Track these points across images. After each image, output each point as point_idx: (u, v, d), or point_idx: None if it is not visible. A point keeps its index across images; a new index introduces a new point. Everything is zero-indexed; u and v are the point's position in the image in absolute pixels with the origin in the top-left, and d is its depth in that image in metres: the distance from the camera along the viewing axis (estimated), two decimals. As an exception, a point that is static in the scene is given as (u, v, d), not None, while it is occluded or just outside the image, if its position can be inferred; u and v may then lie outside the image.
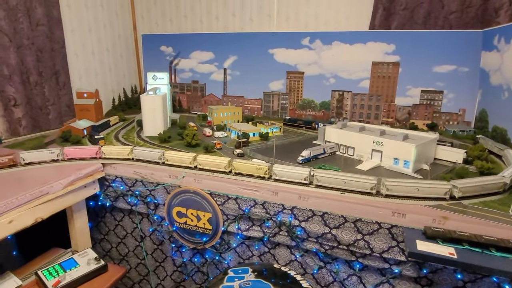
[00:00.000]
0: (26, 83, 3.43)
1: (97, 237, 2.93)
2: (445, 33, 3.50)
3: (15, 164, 2.46)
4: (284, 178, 2.13)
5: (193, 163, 2.39)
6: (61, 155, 2.52)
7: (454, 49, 3.48)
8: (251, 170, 2.21)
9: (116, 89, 4.83)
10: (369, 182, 1.95)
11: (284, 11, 4.21)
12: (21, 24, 3.30)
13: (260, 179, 2.18)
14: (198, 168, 2.36)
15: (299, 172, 2.12)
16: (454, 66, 3.51)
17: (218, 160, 2.31)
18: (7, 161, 2.41)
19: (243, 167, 2.24)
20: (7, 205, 1.93)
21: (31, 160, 2.48)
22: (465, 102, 3.55)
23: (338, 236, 1.98)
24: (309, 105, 4.28)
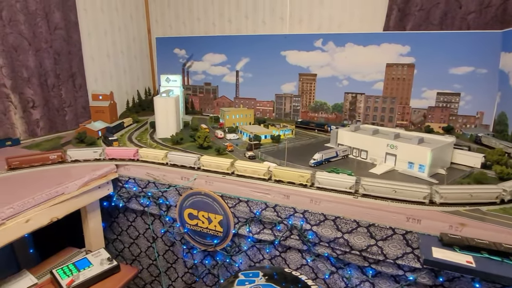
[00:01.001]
0: (44, 85, 3.52)
1: (110, 237, 2.97)
2: (463, 34, 3.42)
3: (64, 160, 2.57)
4: (328, 186, 2.03)
5: (230, 169, 2.32)
6: (103, 155, 2.60)
7: (472, 50, 3.38)
8: (293, 178, 2.13)
9: (130, 91, 4.91)
10: (422, 191, 1.84)
11: (297, 13, 4.19)
12: (40, 28, 3.39)
13: (271, 182, 2.17)
14: (236, 174, 2.29)
15: (344, 181, 2.00)
16: (471, 68, 3.42)
17: (256, 166, 2.23)
18: (56, 158, 2.53)
19: (283, 174, 2.15)
20: (24, 205, 1.97)
21: (77, 158, 2.58)
22: (483, 104, 3.45)
23: (351, 241, 1.94)
24: (321, 107, 4.24)
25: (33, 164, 2.47)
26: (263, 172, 2.20)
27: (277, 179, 2.17)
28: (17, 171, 2.41)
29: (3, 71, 3.12)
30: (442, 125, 3.61)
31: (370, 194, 1.93)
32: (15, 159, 2.41)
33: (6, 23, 3.09)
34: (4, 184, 2.21)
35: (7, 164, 2.41)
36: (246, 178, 2.24)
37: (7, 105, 3.20)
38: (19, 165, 2.42)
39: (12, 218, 1.91)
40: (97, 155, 2.58)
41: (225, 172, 2.32)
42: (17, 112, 3.29)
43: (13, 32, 3.15)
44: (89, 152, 2.58)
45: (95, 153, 2.57)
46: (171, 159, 2.50)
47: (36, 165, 2.48)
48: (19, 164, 2.42)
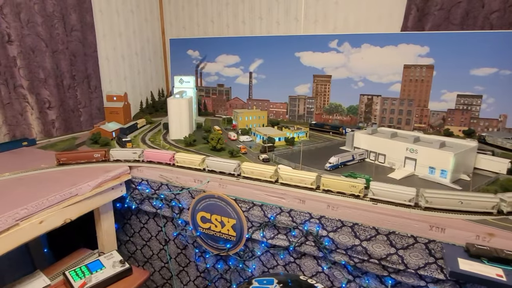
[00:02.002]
0: (60, 86, 3.55)
1: (123, 239, 2.96)
2: (485, 34, 3.28)
3: (107, 159, 2.61)
4: (385, 198, 1.87)
5: (273, 177, 2.17)
6: (142, 157, 2.59)
7: (495, 51, 3.25)
8: (344, 188, 1.97)
9: (144, 92, 4.93)
10: (491, 201, 1.73)
11: (312, 14, 4.12)
12: (57, 29, 3.43)
13: (285, 186, 2.11)
14: (280, 183, 2.15)
15: (403, 192, 1.83)
16: (494, 69, 3.28)
17: (303, 175, 2.08)
18: (99, 156, 2.59)
19: (334, 183, 2.00)
20: (38, 206, 1.97)
21: (118, 158, 2.61)
22: (507, 107, 3.30)
23: (369, 249, 1.87)
24: (336, 109, 4.16)
25: (78, 161, 2.55)
26: (310, 181, 2.06)
27: (326, 188, 2.02)
28: (30, 172, 2.42)
29: (21, 72, 3.16)
30: (463, 128, 3.48)
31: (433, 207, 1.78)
32: (63, 155, 2.53)
33: (24, 24, 3.13)
34: (20, 184, 2.22)
35: (56, 159, 2.53)
36: (260, 182, 2.19)
37: (24, 106, 3.24)
38: (66, 161, 2.53)
39: (26, 219, 1.91)
40: (136, 156, 2.57)
41: (268, 180, 2.18)
42: (34, 113, 3.33)
43: (31, 34, 3.19)
44: (129, 153, 2.57)
45: (134, 154, 2.56)
46: (209, 165, 2.39)
47: (81, 162, 2.56)
48: (66, 160, 2.53)
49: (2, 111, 3.07)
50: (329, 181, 2.02)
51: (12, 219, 1.84)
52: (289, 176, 2.11)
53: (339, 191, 1.99)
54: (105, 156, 2.61)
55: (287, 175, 2.13)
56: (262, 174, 2.18)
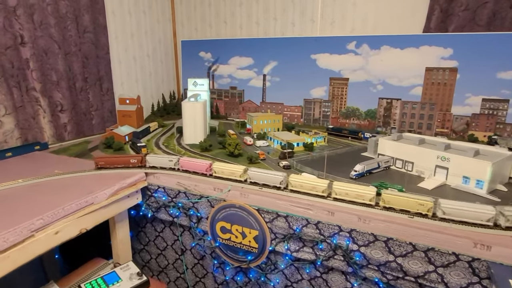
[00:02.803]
0: (72, 89, 3.48)
1: (137, 247, 2.87)
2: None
3: (144, 165, 2.53)
4: (458, 218, 1.66)
5: (326, 192, 1.98)
6: (178, 165, 2.47)
7: (524, 53, 3.11)
8: (409, 206, 1.77)
9: (155, 94, 4.85)
10: None
11: (329, 15, 4.01)
12: (70, 31, 3.36)
13: (314, 197, 1.99)
14: (333, 198, 1.96)
15: (481, 211, 1.62)
16: (523, 72, 3.14)
17: (358, 189, 1.89)
18: (136, 162, 2.51)
19: (397, 201, 1.79)
20: (54, 216, 1.88)
21: (154, 165, 2.51)
22: (536, 112, 3.17)
23: (405, 265, 1.74)
24: (353, 113, 4.03)
25: (116, 165, 2.50)
26: (369, 197, 1.86)
27: (387, 206, 1.82)
28: (45, 178, 2.33)
29: (34, 75, 3.09)
30: (488, 133, 3.34)
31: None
32: (101, 159, 2.50)
33: (37, 26, 3.06)
34: (34, 192, 2.13)
35: (94, 163, 2.51)
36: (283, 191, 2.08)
37: (36, 109, 3.16)
38: (104, 165, 2.50)
39: (42, 230, 1.82)
40: (172, 164, 2.45)
41: (320, 195, 1.98)
42: (46, 116, 3.25)
43: (44, 35, 3.12)
44: (165, 160, 2.47)
45: (170, 162, 2.45)
46: (252, 176, 2.20)
47: (119, 166, 2.51)
48: (104, 164, 2.49)
49: (14, 114, 2.99)
50: (391, 197, 1.81)
51: (27, 230, 1.75)
52: (344, 191, 1.92)
53: (403, 209, 1.78)
54: (141, 162, 2.53)
55: (342, 190, 1.93)
56: (313, 188, 1.99)
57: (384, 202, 1.83)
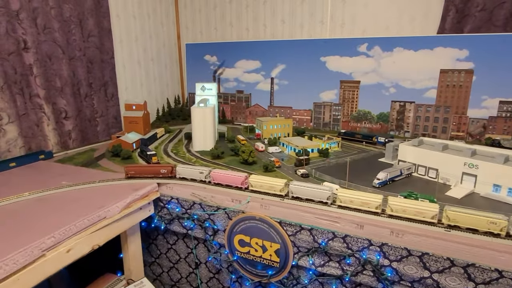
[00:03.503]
0: (77, 95, 3.36)
1: (148, 260, 2.75)
2: (532, 37, 3.06)
3: (174, 176, 2.41)
4: None
5: (379, 208, 1.81)
6: (209, 177, 2.31)
7: (543, 54, 3.03)
8: (478, 224, 1.60)
9: (160, 99, 4.73)
10: None
11: (339, 16, 3.92)
12: (74, 35, 3.24)
13: (340, 209, 1.89)
14: (389, 215, 1.78)
15: None
16: (541, 74, 3.06)
17: (420, 206, 1.72)
18: (166, 172, 2.40)
19: (465, 219, 1.62)
20: (66, 233, 1.76)
21: (184, 176, 2.38)
22: (555, 114, 3.09)
23: (442, 282, 1.64)
24: (365, 117, 3.94)
25: (146, 175, 2.42)
26: (431, 214, 1.69)
27: (452, 224, 1.65)
28: (52, 191, 2.21)
29: (37, 81, 2.97)
30: (506, 137, 3.25)
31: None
32: (132, 169, 2.43)
33: (40, 30, 2.94)
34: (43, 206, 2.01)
35: (125, 172, 2.44)
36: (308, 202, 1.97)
37: (40, 116, 3.04)
38: (134, 174, 2.42)
39: (54, 248, 1.70)
40: (202, 177, 2.30)
41: (373, 211, 1.81)
42: (50, 124, 3.13)
43: (48, 40, 3.00)
44: (195, 172, 2.32)
45: (201, 174, 2.30)
46: (294, 191, 2.01)
47: (148, 176, 2.41)
48: (134, 174, 2.42)
49: (17, 122, 2.87)
50: (458, 215, 1.64)
51: (38, 249, 1.63)
52: (401, 208, 1.75)
53: (470, 228, 1.62)
54: (171, 172, 2.41)
55: (399, 206, 1.76)
56: (364, 204, 1.83)
57: (448, 220, 1.66)
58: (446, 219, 1.67)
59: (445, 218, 1.67)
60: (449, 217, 1.66)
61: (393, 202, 1.79)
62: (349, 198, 1.86)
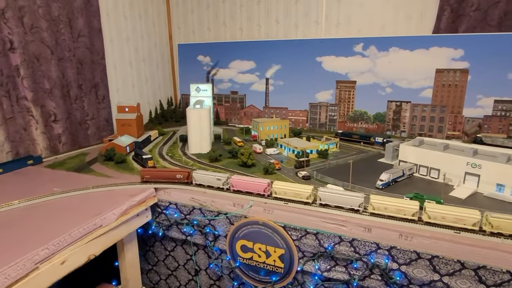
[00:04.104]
0: (66, 97, 3.23)
1: (145, 268, 2.65)
2: (525, 36, 3.09)
3: (190, 182, 2.30)
4: None
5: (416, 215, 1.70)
6: (227, 184, 2.18)
7: (536, 54, 3.06)
8: None
9: (152, 101, 4.62)
10: None
11: (334, 16, 3.89)
12: (63, 35, 3.12)
13: (348, 212, 1.84)
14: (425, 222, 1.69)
15: None
16: (535, 73, 3.09)
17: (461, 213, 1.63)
18: (182, 178, 2.29)
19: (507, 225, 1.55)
20: (60, 243, 1.66)
21: (201, 182, 2.25)
22: (549, 113, 3.13)
23: (452, 285, 1.61)
24: (361, 117, 3.92)
25: (161, 179, 2.33)
26: (473, 221, 1.60)
27: (494, 231, 1.57)
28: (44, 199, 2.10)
29: (24, 83, 2.84)
30: (501, 135, 3.27)
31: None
32: (147, 172, 2.36)
33: (27, 30, 2.81)
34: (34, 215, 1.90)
35: (141, 176, 2.37)
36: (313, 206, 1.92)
37: (27, 120, 2.91)
38: (149, 178, 2.35)
39: (47, 260, 1.60)
40: (220, 184, 2.17)
41: (410, 219, 1.71)
42: (38, 127, 3.00)
43: (35, 40, 2.88)
44: (212, 178, 2.19)
45: (218, 181, 2.17)
46: (323, 198, 1.89)
47: (163, 181, 2.32)
48: (150, 178, 2.35)
49: (4, 126, 2.73)
50: (502, 222, 1.56)
51: (31, 262, 1.53)
52: (440, 215, 1.65)
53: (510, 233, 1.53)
54: (187, 177, 2.29)
55: (436, 213, 1.66)
56: (400, 211, 1.73)
57: (491, 227, 1.58)
58: (488, 226, 1.59)
59: (488, 225, 1.60)
60: (493, 224, 1.57)
61: (430, 209, 1.70)
62: (383, 205, 1.77)
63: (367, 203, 1.82)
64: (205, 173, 2.25)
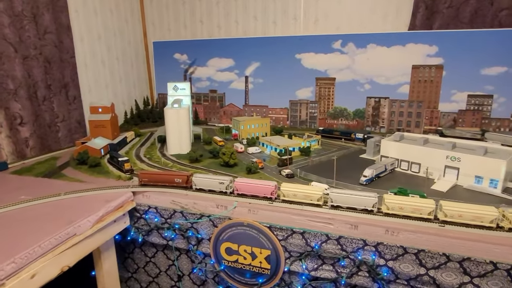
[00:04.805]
0: (34, 98, 3.03)
1: (124, 276, 2.52)
2: (495, 32, 3.21)
3: (190, 186, 2.14)
4: None
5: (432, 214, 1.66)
6: (230, 188, 2.05)
7: (505, 49, 3.18)
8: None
9: (127, 101, 4.44)
10: None
11: (312, 13, 3.88)
12: (27, 32, 2.91)
13: (334, 209, 1.81)
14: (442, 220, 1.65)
15: None
16: (505, 68, 3.22)
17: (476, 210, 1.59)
18: (180, 182, 2.13)
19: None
20: (29, 256, 1.53)
21: (201, 187, 2.10)
22: (519, 106, 3.26)
23: (438, 278, 1.62)
24: (341, 113, 3.94)
25: (159, 183, 2.19)
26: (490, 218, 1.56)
27: None
28: (10, 208, 1.94)
29: (-15, 83, 2.63)
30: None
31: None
32: (145, 176, 2.22)
33: (-13, 26, 2.60)
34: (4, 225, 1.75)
35: (138, 179, 2.24)
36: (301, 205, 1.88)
37: (-10, 123, 2.70)
38: (147, 182, 2.22)
39: (15, 276, 1.47)
40: (223, 188, 2.04)
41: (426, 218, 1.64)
42: (3, 131, 2.80)
43: (-4, 37, 2.67)
44: (214, 182, 2.07)
45: (221, 185, 2.04)
46: (335, 199, 1.81)
47: (161, 184, 2.18)
48: (148, 181, 2.22)
49: (-37, 131, 2.52)
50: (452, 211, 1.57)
51: (-5, 279, 1.39)
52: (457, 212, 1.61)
53: None
54: (186, 182, 2.14)
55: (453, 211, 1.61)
56: (416, 210, 1.68)
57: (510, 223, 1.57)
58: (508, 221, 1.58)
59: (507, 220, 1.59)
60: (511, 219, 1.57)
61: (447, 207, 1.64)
62: (399, 205, 1.71)
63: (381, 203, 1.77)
64: (206, 176, 2.12)
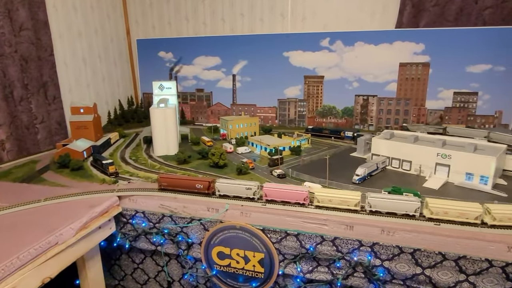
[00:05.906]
0: (9, 98, 2.87)
1: (110, 284, 2.42)
2: (479, 30, 3.26)
3: (212, 192, 1.99)
4: None
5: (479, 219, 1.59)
6: (258, 194, 1.92)
7: (489, 47, 3.24)
8: None
9: (110, 101, 4.29)
10: None
11: (300, 10, 3.84)
12: (1, 28, 2.75)
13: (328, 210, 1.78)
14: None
15: None
16: (489, 66, 3.27)
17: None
18: (202, 188, 1.98)
19: None
20: (7, 268, 1.42)
21: (226, 193, 1.95)
22: (502, 103, 3.32)
23: (434, 277, 1.61)
24: (330, 112, 3.93)
25: (179, 188, 2.07)
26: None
27: None
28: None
29: (-44, 83, 2.46)
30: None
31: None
32: (165, 180, 2.10)
33: (-43, 22, 2.43)
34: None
35: (158, 183, 2.13)
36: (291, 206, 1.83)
37: (-38, 126, 2.53)
38: (167, 186, 2.10)
39: (-10, 291, 1.36)
40: (250, 193, 1.90)
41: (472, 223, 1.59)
42: (-24, 134, 2.63)
43: (-33, 34, 2.50)
44: (241, 188, 1.93)
45: (248, 191, 1.91)
46: (374, 204, 1.70)
47: (180, 190, 2.06)
48: (167, 186, 2.10)
49: None
50: None
51: (-32, 296, 1.28)
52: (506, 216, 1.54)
53: None
54: (208, 188, 1.99)
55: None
56: (462, 215, 1.60)
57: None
58: None
59: None
60: None
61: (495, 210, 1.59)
62: (444, 209, 1.63)
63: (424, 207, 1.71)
64: (230, 182, 1.99)
